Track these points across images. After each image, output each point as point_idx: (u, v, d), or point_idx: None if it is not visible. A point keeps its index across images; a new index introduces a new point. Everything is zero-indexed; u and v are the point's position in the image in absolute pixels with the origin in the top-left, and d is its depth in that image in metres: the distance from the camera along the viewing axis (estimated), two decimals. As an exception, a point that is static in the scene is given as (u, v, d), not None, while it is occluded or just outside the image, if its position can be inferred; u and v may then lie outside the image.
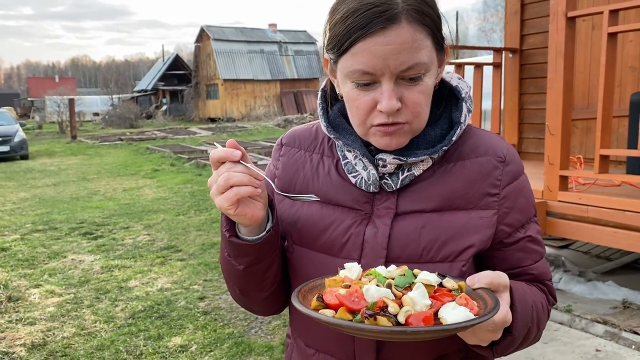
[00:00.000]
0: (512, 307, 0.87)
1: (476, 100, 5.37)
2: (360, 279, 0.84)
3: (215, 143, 0.96)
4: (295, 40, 41.30)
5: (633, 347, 3.31)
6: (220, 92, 37.89)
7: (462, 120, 0.98)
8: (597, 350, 3.31)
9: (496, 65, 5.58)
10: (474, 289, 0.84)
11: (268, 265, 0.99)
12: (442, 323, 0.75)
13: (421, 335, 0.74)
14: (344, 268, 0.89)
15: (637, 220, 3.25)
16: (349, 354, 0.99)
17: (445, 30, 0.94)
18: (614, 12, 3.29)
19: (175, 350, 3.68)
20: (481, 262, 1.01)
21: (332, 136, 1.02)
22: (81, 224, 7.66)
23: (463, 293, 0.81)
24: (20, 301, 4.64)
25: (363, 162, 0.99)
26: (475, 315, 0.75)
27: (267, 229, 0.95)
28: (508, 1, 5.84)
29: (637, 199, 3.31)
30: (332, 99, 1.05)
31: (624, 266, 4.65)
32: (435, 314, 0.76)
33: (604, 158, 3.41)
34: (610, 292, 4.06)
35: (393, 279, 0.82)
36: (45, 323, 4.18)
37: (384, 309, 0.75)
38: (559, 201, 3.66)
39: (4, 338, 3.90)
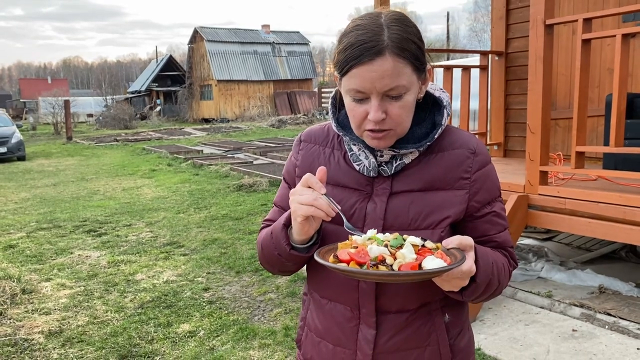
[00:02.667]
0: (476, 261, 1.16)
1: (464, 101, 5.67)
2: (364, 243, 1.12)
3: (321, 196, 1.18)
4: (288, 41, 41.56)
5: (606, 327, 3.61)
6: (214, 93, 38.08)
7: (443, 123, 1.28)
8: (573, 330, 3.61)
9: (483, 68, 5.88)
10: (448, 249, 1.13)
11: (308, 259, 1.30)
12: (423, 269, 1.03)
13: (410, 277, 1.03)
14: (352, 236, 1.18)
15: (610, 211, 3.56)
16: (354, 302, 1.28)
17: (426, 57, 1.23)
18: (587, 20, 3.58)
19: (185, 336, 3.94)
20: (456, 230, 1.30)
21: (340, 133, 1.31)
22: (84, 222, 7.90)
23: (438, 250, 1.09)
24: (33, 293, 4.89)
25: (365, 153, 1.28)
26: (447, 265, 1.04)
27: (314, 240, 1.25)
28: (494, 7, 6.15)
29: (609, 192, 3.62)
30: (340, 104, 1.34)
31: (602, 256, 4.97)
32: (420, 264, 1.05)
33: (580, 154, 3.71)
34: (588, 279, 4.37)
35: (389, 241, 1.10)
36: (59, 313, 4.44)
37: (383, 261, 1.04)
38: (540, 194, 3.96)
39: (23, 326, 4.16)
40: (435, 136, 1.27)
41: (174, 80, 44.89)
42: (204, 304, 4.55)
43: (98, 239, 6.86)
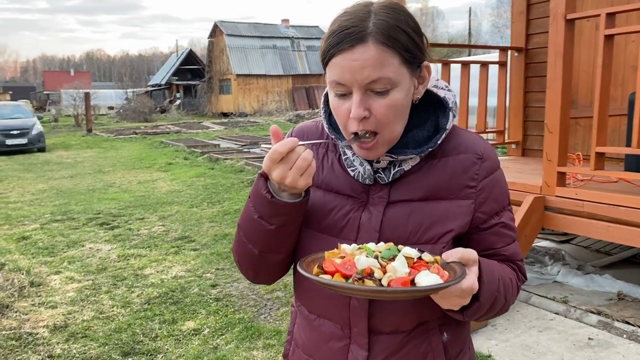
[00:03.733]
0: (480, 278, 1.04)
1: (482, 98, 5.51)
2: (353, 253, 1.02)
3: (262, 146, 1.11)
4: (307, 36, 41.42)
5: (624, 336, 3.46)
6: (233, 87, 38.17)
7: (447, 127, 1.15)
8: (589, 339, 3.47)
9: (502, 64, 5.71)
10: (448, 263, 1.02)
11: (294, 228, 1.14)
12: (416, 286, 0.93)
13: (398, 294, 0.93)
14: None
15: (630, 215, 3.40)
16: (345, 319, 1.16)
17: (424, 52, 1.10)
18: (610, 15, 3.42)
19: (189, 334, 3.89)
20: (460, 243, 1.17)
21: (333, 136, 1.19)
22: (98, 214, 7.91)
23: (435, 264, 0.99)
24: (42, 286, 4.89)
25: (360, 158, 1.16)
26: (444, 282, 0.93)
27: (303, 195, 1.10)
28: (514, 1, 5.96)
29: (630, 195, 3.46)
30: None
31: (622, 260, 4.79)
32: (413, 280, 0.94)
33: (600, 155, 3.54)
34: (607, 284, 4.21)
35: (380, 252, 1.00)
36: (65, 307, 4.41)
37: (371, 274, 0.93)
38: (557, 196, 3.81)
39: (28, 320, 4.14)
40: (438, 142, 1.14)
41: (194, 74, 45.11)
42: (211, 301, 4.49)
43: (110, 232, 6.86)
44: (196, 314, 4.22)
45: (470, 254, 1.03)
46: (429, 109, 1.18)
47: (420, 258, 1.01)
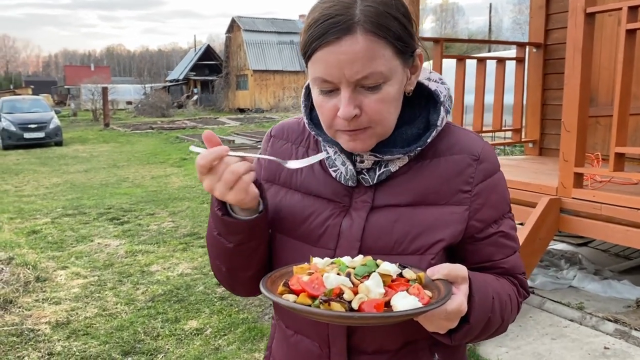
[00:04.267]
0: (470, 297, 0.92)
1: (498, 95, 5.35)
2: (324, 268, 0.90)
3: (192, 148, 1.00)
4: (325, 32, 41.24)
5: (643, 346, 3.29)
6: (249, 83, 38.20)
7: (438, 124, 1.03)
8: (605, 348, 3.31)
9: (519, 60, 5.54)
10: (433, 280, 0.90)
11: (257, 245, 1.05)
12: (392, 310, 0.81)
13: (367, 320, 0.81)
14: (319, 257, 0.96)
15: (651, 219, 3.23)
16: (323, 337, 1.05)
17: (416, 39, 0.98)
18: (633, 9, 3.25)
19: (191, 333, 3.81)
20: (454, 254, 1.06)
21: (313, 132, 1.08)
22: (109, 209, 7.90)
23: (416, 283, 0.86)
24: (47, 281, 4.85)
25: (342, 157, 1.04)
26: (423, 305, 0.81)
27: (260, 210, 1.01)
28: (533, -5, 5.77)
29: (651, 198, 3.29)
30: None
31: (642, 266, 4.60)
32: (389, 302, 0.82)
33: (620, 156, 3.37)
34: (625, 291, 4.03)
35: (355, 268, 0.88)
36: (69, 303, 4.37)
37: (340, 295, 0.81)
38: (573, 198, 3.64)
39: (31, 316, 4.10)
40: (428, 140, 1.02)
41: (212, 70, 45.23)
42: (215, 299, 4.41)
43: (119, 227, 6.83)
44: (199, 313, 4.14)
45: (458, 270, 0.91)
46: (420, 104, 1.06)
47: (401, 275, 0.89)
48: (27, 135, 16.89)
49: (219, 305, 4.28)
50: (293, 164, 1.00)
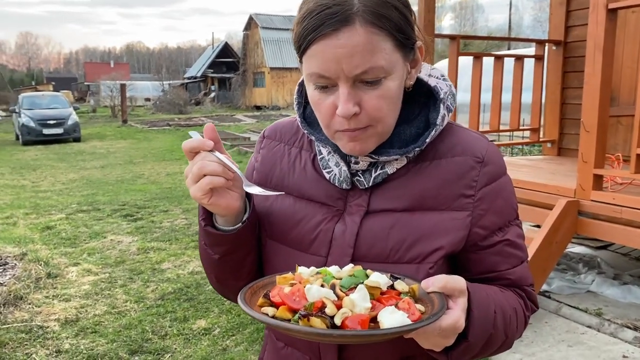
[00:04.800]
0: (469, 312, 0.85)
1: (515, 93, 5.23)
2: (308, 279, 0.84)
3: (189, 133, 0.97)
4: (343, 29, 41.11)
5: (663, 355, 3.17)
6: (266, 80, 38.23)
7: (438, 122, 0.96)
8: (624, 357, 3.19)
9: (538, 58, 5.41)
10: (428, 293, 0.82)
11: (243, 255, 1.01)
12: (379, 326, 0.74)
13: (349, 339, 0.74)
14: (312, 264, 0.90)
15: (674, 223, 3.10)
16: (314, 350, 1.00)
17: (416, 32, 0.92)
18: (657, 4, 3.12)
19: (199, 333, 3.77)
20: (456, 264, 0.99)
21: (306, 131, 1.02)
22: (123, 206, 7.92)
23: (407, 297, 0.79)
24: (58, 278, 4.86)
25: (335, 158, 0.99)
26: (413, 321, 0.74)
27: (242, 220, 0.96)
28: (554, -9, 5.63)
29: (674, 202, 3.16)
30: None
31: (664, 271, 4.46)
32: (376, 317, 0.75)
33: (641, 157, 3.25)
34: (646, 297, 3.90)
35: (341, 279, 0.81)
36: (79, 300, 4.36)
37: (322, 309, 0.74)
38: (592, 201, 3.53)
39: (40, 312, 4.10)
40: (427, 140, 0.95)
41: (229, 67, 45.37)
42: (225, 299, 4.36)
43: (133, 224, 6.83)
44: (208, 312, 4.10)
45: (456, 282, 0.83)
46: (420, 102, 0.99)
47: (392, 287, 0.81)
48: (46, 131, 17.07)
49: (228, 305, 4.24)
50: (251, 189, 0.93)
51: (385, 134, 0.94)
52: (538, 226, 3.69)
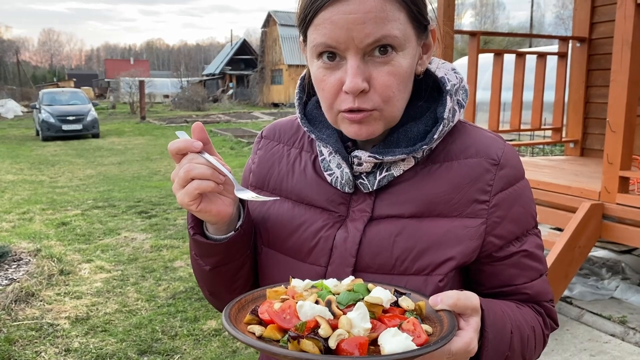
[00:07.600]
0: (483, 333, 0.77)
1: (537, 92, 5.09)
2: (302, 294, 0.75)
3: (176, 133, 0.89)
4: (361, 27, 40.96)
5: (692, 367, 3.02)
6: (284, 78, 38.21)
7: (445, 117, 0.87)
8: (650, 368, 3.06)
9: (561, 55, 5.25)
10: (437, 311, 0.73)
11: (237, 266, 0.93)
12: (379, 351, 0.65)
13: None
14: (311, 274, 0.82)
15: None
16: None
17: (429, 12, 0.83)
18: (690, -2, 2.97)
19: (209, 334, 3.71)
20: (468, 276, 0.91)
21: (305, 129, 0.94)
22: (138, 202, 7.92)
23: (412, 316, 0.70)
24: (71, 275, 4.84)
25: (337, 159, 0.90)
26: (418, 345, 0.64)
27: (235, 228, 0.88)
28: (578, -14, 5.45)
29: None
30: (311, 89, 0.96)
31: (692, 277, 4.28)
32: (376, 340, 0.66)
33: (671, 159, 3.10)
34: (673, 305, 3.74)
35: (339, 293, 0.72)
36: (90, 298, 4.33)
37: (315, 330, 0.65)
38: (617, 204, 3.38)
39: (51, 310, 4.08)
40: (435, 136, 0.86)
41: (248, 64, 45.49)
42: (236, 299, 4.30)
43: (147, 221, 6.81)
44: (219, 313, 4.03)
45: (468, 299, 0.74)
46: (428, 97, 0.90)
47: (396, 304, 0.72)
48: (65, 127, 17.22)
49: (239, 305, 4.17)
50: (243, 194, 0.84)
51: (392, 120, 0.85)
52: (560, 229, 3.55)
